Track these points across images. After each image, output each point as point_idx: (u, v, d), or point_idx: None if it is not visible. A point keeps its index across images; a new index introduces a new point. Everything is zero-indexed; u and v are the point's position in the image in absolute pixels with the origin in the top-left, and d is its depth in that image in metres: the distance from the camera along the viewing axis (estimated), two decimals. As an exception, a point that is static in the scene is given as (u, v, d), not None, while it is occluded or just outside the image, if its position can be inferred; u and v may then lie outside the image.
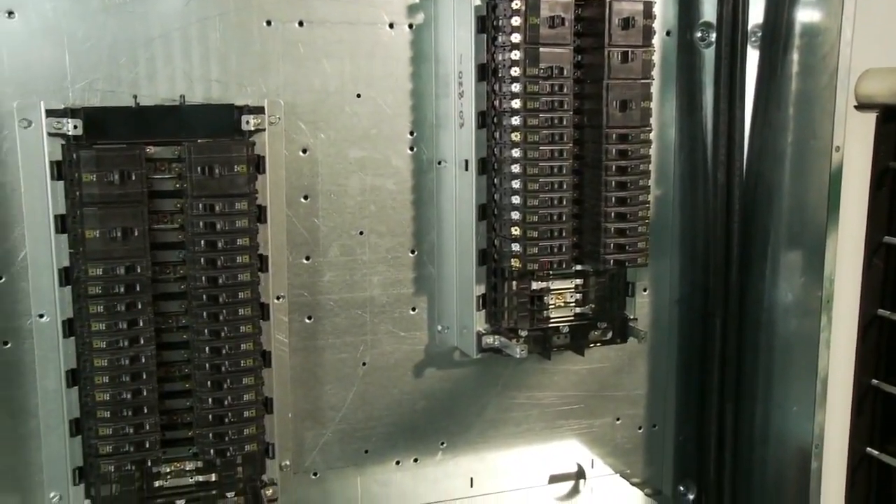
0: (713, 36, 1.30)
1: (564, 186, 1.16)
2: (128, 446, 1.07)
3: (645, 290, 1.39)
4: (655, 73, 1.19)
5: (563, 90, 1.14)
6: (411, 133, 1.24)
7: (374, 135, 1.22)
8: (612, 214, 1.18)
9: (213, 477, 1.15)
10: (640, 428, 1.45)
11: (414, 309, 1.29)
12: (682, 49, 1.33)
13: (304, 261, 1.22)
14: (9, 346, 1.11)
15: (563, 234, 1.18)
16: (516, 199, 1.16)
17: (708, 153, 1.32)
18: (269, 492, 1.18)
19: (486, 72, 1.16)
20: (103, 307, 1.04)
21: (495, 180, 1.19)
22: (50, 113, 1.03)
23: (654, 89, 1.21)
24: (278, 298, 1.17)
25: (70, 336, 1.08)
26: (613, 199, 1.17)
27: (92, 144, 1.03)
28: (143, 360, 1.06)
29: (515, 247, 1.17)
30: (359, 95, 1.21)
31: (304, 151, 1.19)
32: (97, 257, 1.03)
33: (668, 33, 1.32)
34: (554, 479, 1.42)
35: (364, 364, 1.28)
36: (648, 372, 1.43)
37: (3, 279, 1.10)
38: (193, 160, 1.04)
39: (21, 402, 1.12)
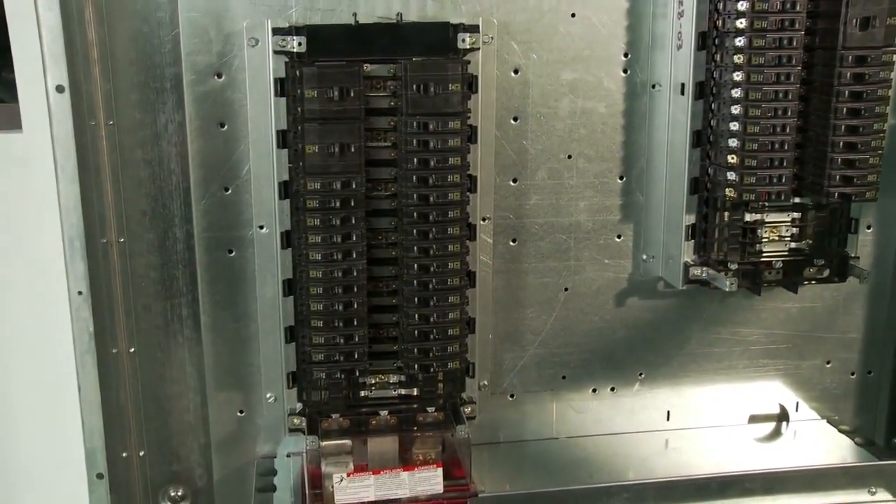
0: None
1: (789, 113, 1.10)
2: (338, 355, 1.11)
3: (869, 228, 1.29)
4: (906, -16, 1.08)
5: (796, 7, 1.06)
6: (625, 55, 1.20)
7: (587, 56, 1.19)
8: (841, 144, 1.10)
9: (415, 391, 1.18)
10: (852, 374, 1.37)
11: (619, 236, 1.26)
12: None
13: (511, 183, 1.22)
14: (233, 254, 1.18)
15: (784, 164, 1.11)
16: (735, 126, 1.10)
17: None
18: (468, 410, 1.20)
19: (710, -11, 1.10)
20: (319, 220, 1.07)
21: (713, 105, 1.13)
22: (276, 31, 1.07)
23: (903, 3, 1.10)
24: (484, 220, 1.18)
25: (287, 248, 1.13)
26: (843, 127, 1.09)
27: (313, 62, 1.06)
28: (355, 274, 1.09)
29: (731, 175, 1.12)
30: (573, 15, 1.17)
31: (516, 72, 1.18)
32: (315, 172, 1.06)
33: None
34: (754, 419, 1.37)
35: (566, 290, 1.27)
36: (866, 315, 1.34)
37: (230, 191, 1.16)
38: (409, 78, 1.05)
39: (244, 308, 1.19)
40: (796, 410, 1.38)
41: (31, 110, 1.05)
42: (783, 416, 1.38)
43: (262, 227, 1.15)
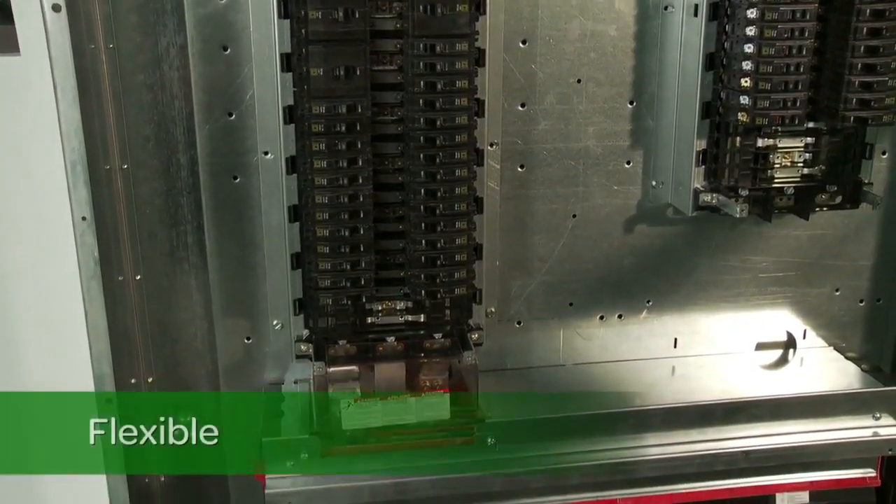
0: None
1: (806, 34, 1.06)
2: (344, 282, 1.11)
3: (884, 154, 1.27)
4: None
5: (815, -77, 1.03)
6: (637, -26, 1.17)
7: (598, -24, 1.16)
8: (859, 66, 1.07)
9: (422, 318, 1.18)
10: (861, 301, 1.37)
11: (629, 162, 1.24)
12: None
13: (520, 108, 1.19)
14: (238, 180, 1.16)
15: (799, 87, 1.09)
16: (749, 48, 1.07)
17: None
18: (475, 336, 1.20)
19: None
20: (325, 145, 1.05)
21: (727, 27, 1.10)
22: (278, -52, 1.04)
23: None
24: (492, 145, 1.16)
25: (293, 173, 1.12)
26: (862, 48, 1.06)
27: (317, -19, 1.03)
28: (362, 199, 1.08)
29: (744, 99, 1.09)
30: (584, -68, 1.14)
31: (525, -7, 1.15)
32: (320, 95, 1.04)
33: None
34: (761, 346, 1.37)
35: (574, 216, 1.25)
36: (878, 242, 1.33)
37: (233, 116, 1.14)
38: (416, -2, 1.02)
39: (249, 235, 1.18)
40: (804, 338, 1.37)
41: (27, 32, 1.02)
42: (790, 344, 1.37)
43: (266, 153, 1.13)
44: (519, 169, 1.22)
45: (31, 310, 1.19)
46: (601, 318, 1.32)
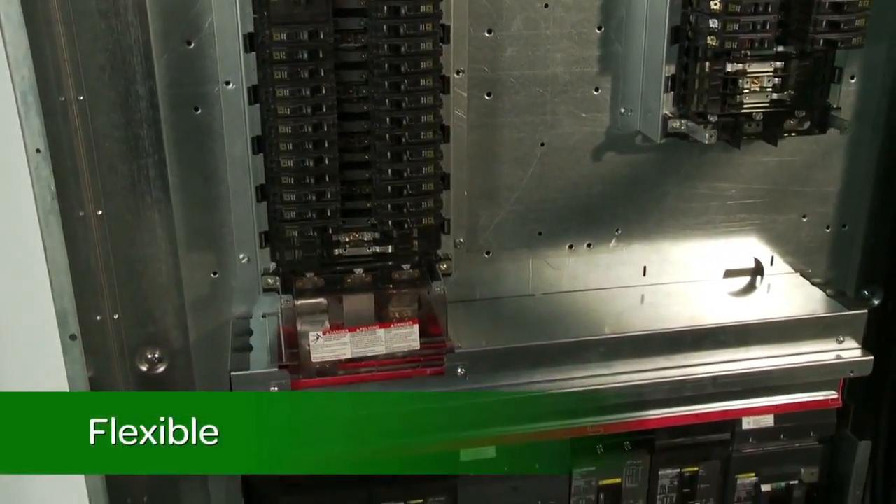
0: None
1: (776, -47, 1.05)
2: (310, 213, 1.09)
3: (853, 78, 1.26)
4: None
5: None
6: None
7: None
8: (830, -14, 1.06)
9: (390, 249, 1.17)
10: (827, 227, 1.37)
11: (597, 89, 1.22)
12: None
13: (486, 34, 1.17)
14: (199, 111, 1.13)
15: (769, 10, 1.07)
16: (719, -31, 1.06)
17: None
18: (444, 266, 1.19)
19: None
20: (287, 73, 1.03)
21: (696, -53, 1.08)
22: None
23: None
24: (458, 73, 1.14)
25: (255, 103, 1.09)
26: (834, -34, 1.05)
27: None
28: (326, 129, 1.06)
29: (713, 23, 1.08)
30: None
31: (490, -88, 1.12)
32: (281, 21, 1.01)
33: None
34: (729, 273, 1.37)
35: (542, 144, 1.24)
36: (845, 168, 1.33)
37: (192, 45, 1.10)
38: (377, -82, 0.99)
39: (213, 167, 1.16)
40: (771, 264, 1.38)
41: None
42: (758, 271, 1.38)
43: (228, 83, 1.10)
44: (486, 97, 1.20)
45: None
46: (570, 247, 1.32)
